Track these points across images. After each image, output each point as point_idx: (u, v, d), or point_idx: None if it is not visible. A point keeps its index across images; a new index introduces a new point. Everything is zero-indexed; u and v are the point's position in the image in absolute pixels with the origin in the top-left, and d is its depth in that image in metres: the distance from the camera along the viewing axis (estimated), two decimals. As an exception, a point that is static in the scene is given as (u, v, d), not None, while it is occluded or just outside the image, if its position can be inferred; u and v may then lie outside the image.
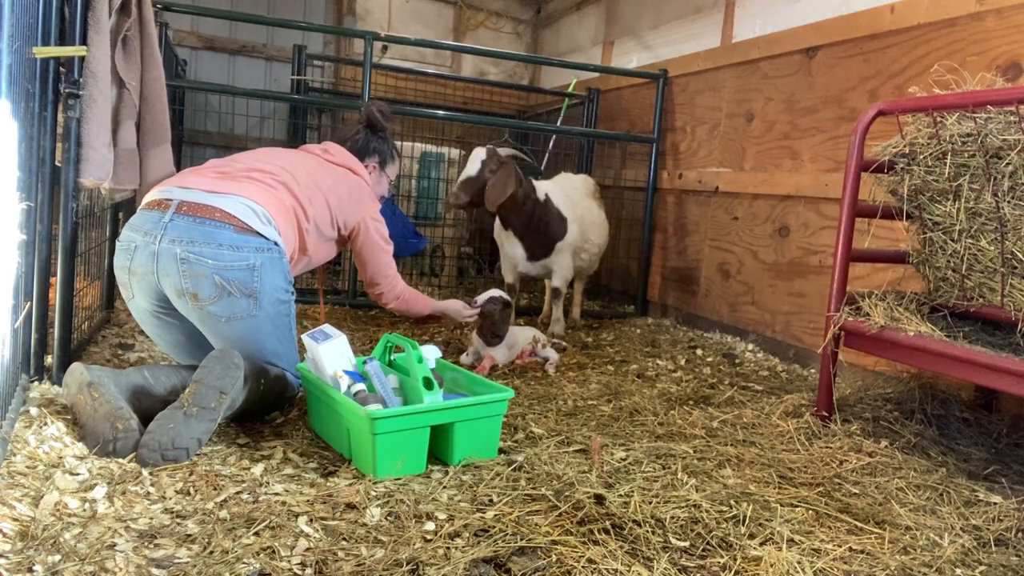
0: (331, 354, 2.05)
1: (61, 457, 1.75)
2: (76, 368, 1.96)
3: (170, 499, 1.61)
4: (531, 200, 3.43)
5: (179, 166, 2.90)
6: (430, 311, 2.76)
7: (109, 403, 1.87)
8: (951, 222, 2.09)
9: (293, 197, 2.26)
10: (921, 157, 2.13)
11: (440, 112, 4.42)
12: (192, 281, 2.02)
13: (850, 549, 1.57)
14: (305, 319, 3.60)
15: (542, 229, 3.51)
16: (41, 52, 2.01)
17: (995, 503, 1.85)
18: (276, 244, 2.15)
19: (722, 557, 1.48)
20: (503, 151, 3.38)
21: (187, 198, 2.10)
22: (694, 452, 2.09)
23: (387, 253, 2.58)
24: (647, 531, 1.55)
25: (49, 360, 2.27)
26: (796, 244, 3.43)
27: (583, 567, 1.39)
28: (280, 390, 2.17)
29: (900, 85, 2.95)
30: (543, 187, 3.59)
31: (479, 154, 3.33)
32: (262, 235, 2.11)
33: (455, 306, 2.85)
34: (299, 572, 1.35)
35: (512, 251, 3.57)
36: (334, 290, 4.42)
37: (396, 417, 1.79)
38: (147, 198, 2.20)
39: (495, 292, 2.94)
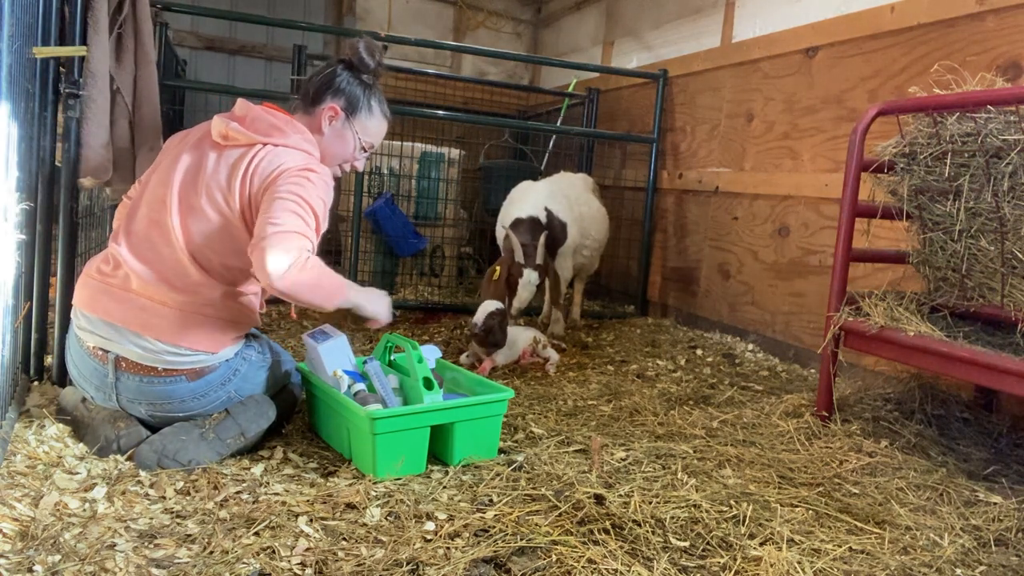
0: (331, 354, 2.04)
1: (61, 457, 1.75)
2: (68, 391, 1.99)
3: (170, 499, 1.61)
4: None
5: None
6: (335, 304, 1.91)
7: (107, 408, 1.89)
8: (951, 222, 2.09)
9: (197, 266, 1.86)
10: (921, 157, 2.13)
11: (440, 112, 4.41)
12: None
13: (850, 549, 1.57)
14: (305, 319, 3.60)
15: (547, 245, 3.38)
16: (41, 52, 2.01)
17: (995, 503, 1.85)
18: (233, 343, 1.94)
19: (722, 557, 1.48)
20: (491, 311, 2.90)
21: (121, 351, 1.83)
22: (694, 452, 2.09)
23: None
24: (647, 531, 1.55)
25: (49, 360, 2.27)
26: (796, 244, 3.43)
27: (583, 567, 1.39)
28: (288, 408, 2.14)
29: (900, 85, 2.94)
30: (541, 199, 3.43)
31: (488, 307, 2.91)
32: (215, 352, 1.88)
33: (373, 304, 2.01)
34: (299, 572, 1.35)
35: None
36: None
37: (396, 417, 1.79)
38: (82, 333, 1.88)
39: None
